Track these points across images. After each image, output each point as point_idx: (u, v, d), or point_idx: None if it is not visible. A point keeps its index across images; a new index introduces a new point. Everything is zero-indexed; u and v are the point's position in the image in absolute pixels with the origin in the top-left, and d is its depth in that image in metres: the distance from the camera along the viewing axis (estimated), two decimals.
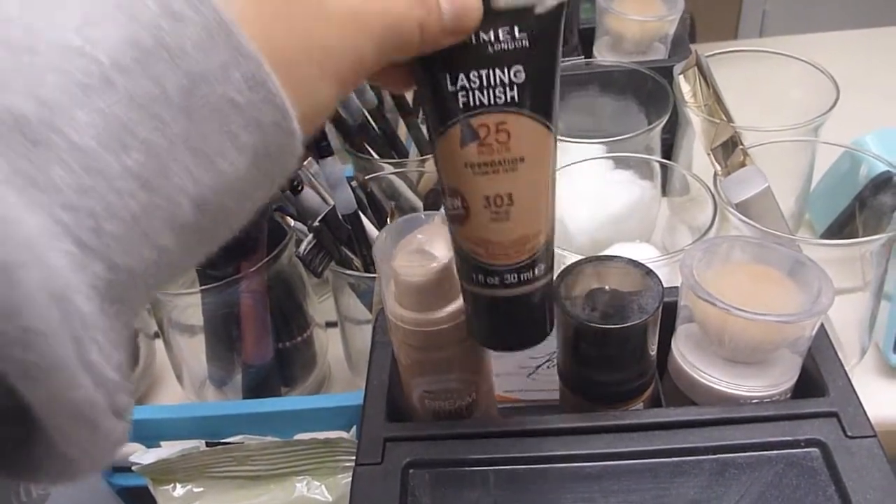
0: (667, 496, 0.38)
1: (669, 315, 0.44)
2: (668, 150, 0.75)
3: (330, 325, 0.68)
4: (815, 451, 0.39)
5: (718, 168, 0.57)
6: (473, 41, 0.31)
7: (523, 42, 0.32)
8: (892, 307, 0.60)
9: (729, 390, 0.42)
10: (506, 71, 0.32)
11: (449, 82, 0.32)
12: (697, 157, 0.72)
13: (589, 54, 0.87)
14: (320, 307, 0.68)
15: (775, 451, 0.39)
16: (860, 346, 0.59)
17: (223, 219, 0.22)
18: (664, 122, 0.69)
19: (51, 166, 0.18)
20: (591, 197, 0.63)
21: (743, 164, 0.55)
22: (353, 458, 0.41)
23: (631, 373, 0.42)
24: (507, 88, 0.32)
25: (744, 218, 0.51)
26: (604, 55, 0.85)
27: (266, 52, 0.21)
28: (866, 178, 0.61)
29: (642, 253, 0.59)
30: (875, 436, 0.39)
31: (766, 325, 0.40)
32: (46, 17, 0.19)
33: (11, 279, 0.16)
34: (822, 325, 0.43)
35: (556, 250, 0.55)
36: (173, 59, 0.19)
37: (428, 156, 0.68)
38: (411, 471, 0.40)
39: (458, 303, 0.40)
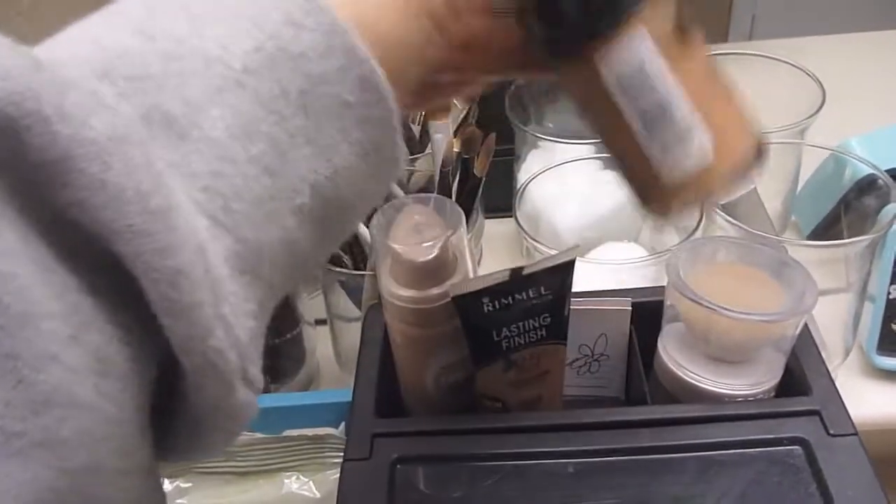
0: (651, 493, 0.39)
1: (656, 314, 0.45)
2: None
3: (319, 322, 0.68)
4: (797, 448, 0.39)
5: None
6: (512, 301, 0.40)
7: (548, 296, 0.40)
8: (875, 308, 0.60)
9: (714, 388, 0.42)
10: (537, 319, 0.41)
11: (494, 335, 0.41)
12: None
13: None
14: (310, 304, 0.68)
15: (758, 449, 0.40)
16: (844, 346, 0.60)
17: (342, 211, 0.25)
18: None
19: (190, 155, 0.21)
20: (579, 197, 0.64)
21: None
22: (342, 454, 0.41)
23: None
24: (539, 330, 0.42)
25: (729, 218, 0.52)
26: None
27: (373, 50, 0.24)
28: (851, 180, 0.61)
29: (630, 252, 0.59)
30: (856, 434, 0.40)
31: (751, 325, 0.41)
32: (197, 31, 0.22)
33: (169, 223, 0.20)
34: (805, 325, 0.44)
35: (544, 248, 0.56)
36: (294, 64, 0.23)
37: (418, 155, 0.68)
38: (399, 466, 0.41)
39: (455, 279, 0.41)
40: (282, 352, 0.65)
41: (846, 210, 0.63)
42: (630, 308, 0.46)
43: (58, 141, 0.18)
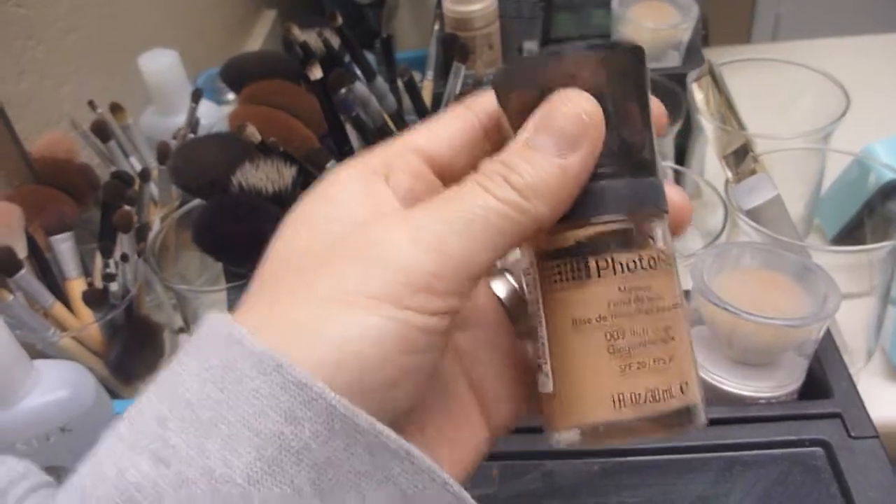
0: (675, 492, 0.40)
1: None
2: (682, 156, 0.77)
3: None
4: (819, 450, 0.40)
5: (730, 175, 0.58)
6: None
7: None
8: None
9: (737, 391, 0.43)
10: None
11: None
12: (710, 162, 0.74)
13: None
14: None
15: (781, 450, 0.41)
16: (867, 349, 0.61)
17: None
18: (678, 128, 0.70)
19: None
20: None
21: (753, 172, 0.56)
22: None
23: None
24: None
25: (753, 224, 0.53)
26: None
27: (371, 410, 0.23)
28: (875, 185, 0.62)
29: None
30: (877, 436, 0.40)
31: (774, 329, 0.42)
32: (202, 448, 0.22)
33: None
34: (827, 329, 0.45)
35: None
36: (298, 459, 0.22)
37: None
38: None
39: None
40: None
41: (869, 214, 0.64)
42: None
43: None
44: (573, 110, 0.25)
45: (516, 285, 0.31)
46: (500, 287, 0.31)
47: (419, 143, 0.28)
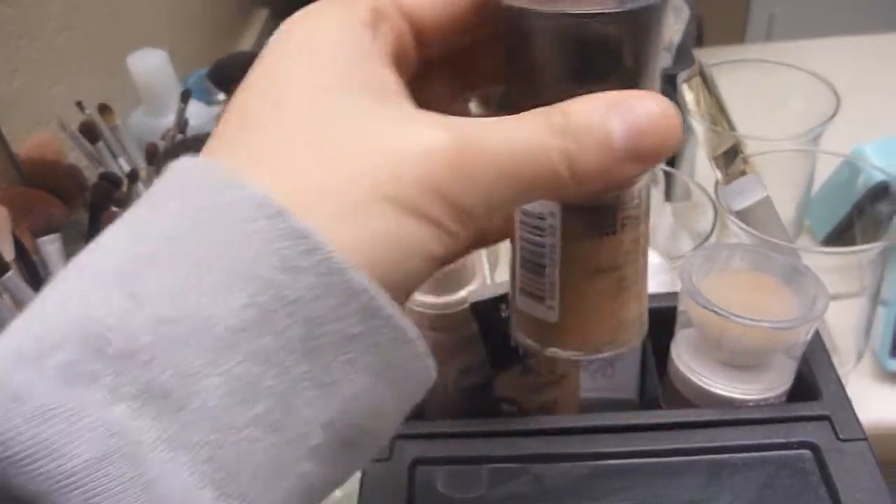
0: (663, 495, 0.40)
1: (669, 320, 0.46)
2: (672, 157, 0.77)
3: None
4: (807, 452, 0.40)
5: (720, 176, 0.58)
6: None
7: None
8: (887, 313, 0.61)
9: (726, 393, 0.43)
10: None
11: (511, 340, 0.35)
12: (700, 163, 0.74)
13: None
14: None
15: (769, 453, 0.41)
16: (856, 350, 0.61)
17: (361, 434, 0.23)
18: None
19: (189, 427, 0.20)
20: None
21: (743, 173, 0.56)
22: None
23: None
24: None
25: (743, 225, 0.53)
26: None
27: (372, 272, 0.22)
28: (864, 187, 0.62)
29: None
30: (866, 439, 0.40)
31: (763, 331, 0.42)
32: (188, 288, 0.21)
33: None
34: (816, 331, 0.44)
35: None
36: (291, 310, 0.21)
37: None
38: (418, 467, 0.42)
39: (472, 286, 0.42)
40: None
41: (859, 216, 0.64)
42: None
43: (36, 479, 0.18)
44: (666, 136, 0.24)
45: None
46: None
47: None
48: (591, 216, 0.27)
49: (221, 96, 0.86)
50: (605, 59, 0.25)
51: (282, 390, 0.21)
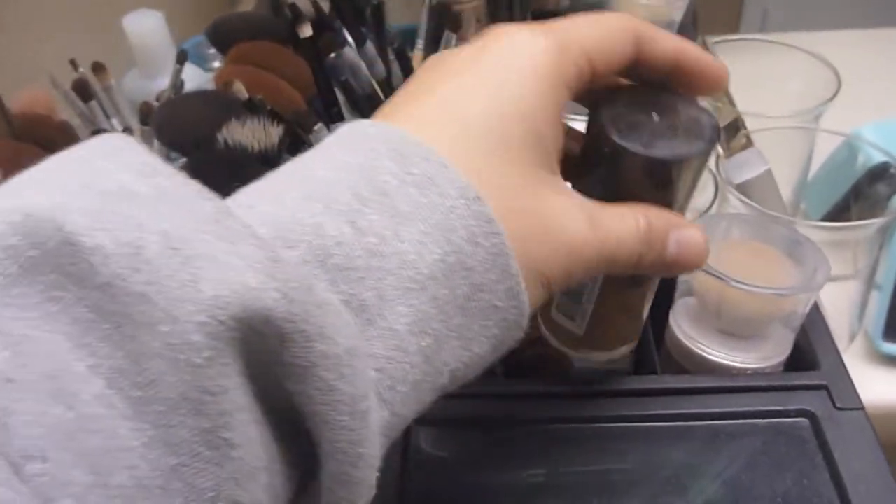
0: (660, 459, 0.40)
1: (668, 288, 0.45)
2: None
3: None
4: (804, 420, 0.40)
5: (721, 150, 0.58)
6: None
7: None
8: (881, 296, 0.61)
9: (723, 361, 0.43)
10: None
11: None
12: None
13: None
14: None
15: (766, 420, 0.41)
16: (850, 332, 0.61)
17: (456, 384, 0.29)
18: None
19: (374, 340, 0.25)
20: None
21: (745, 147, 0.56)
22: None
23: None
24: None
25: (743, 198, 0.53)
26: None
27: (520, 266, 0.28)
28: (863, 167, 0.62)
29: None
30: (863, 408, 0.40)
31: (762, 299, 0.41)
32: (397, 233, 0.26)
33: (367, 422, 0.24)
34: (815, 304, 0.44)
35: None
36: (466, 274, 0.27)
37: None
38: (414, 427, 0.41)
39: None
40: None
41: (857, 198, 0.64)
42: None
43: (311, 354, 0.22)
44: (699, 259, 0.34)
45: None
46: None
47: (590, 48, 0.31)
48: (629, 277, 0.36)
49: (217, 63, 0.85)
50: (666, 184, 0.33)
51: (441, 333, 0.26)
